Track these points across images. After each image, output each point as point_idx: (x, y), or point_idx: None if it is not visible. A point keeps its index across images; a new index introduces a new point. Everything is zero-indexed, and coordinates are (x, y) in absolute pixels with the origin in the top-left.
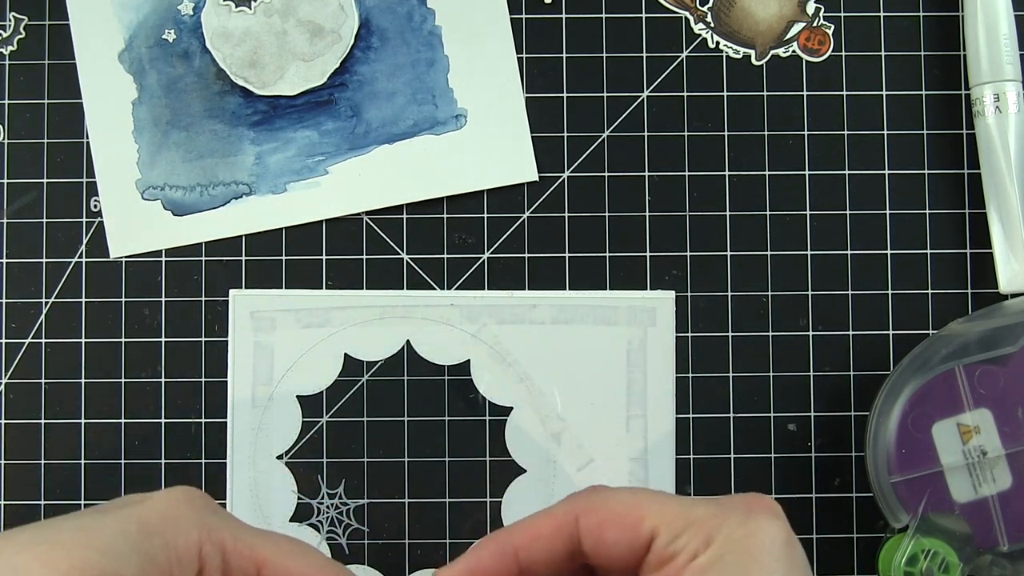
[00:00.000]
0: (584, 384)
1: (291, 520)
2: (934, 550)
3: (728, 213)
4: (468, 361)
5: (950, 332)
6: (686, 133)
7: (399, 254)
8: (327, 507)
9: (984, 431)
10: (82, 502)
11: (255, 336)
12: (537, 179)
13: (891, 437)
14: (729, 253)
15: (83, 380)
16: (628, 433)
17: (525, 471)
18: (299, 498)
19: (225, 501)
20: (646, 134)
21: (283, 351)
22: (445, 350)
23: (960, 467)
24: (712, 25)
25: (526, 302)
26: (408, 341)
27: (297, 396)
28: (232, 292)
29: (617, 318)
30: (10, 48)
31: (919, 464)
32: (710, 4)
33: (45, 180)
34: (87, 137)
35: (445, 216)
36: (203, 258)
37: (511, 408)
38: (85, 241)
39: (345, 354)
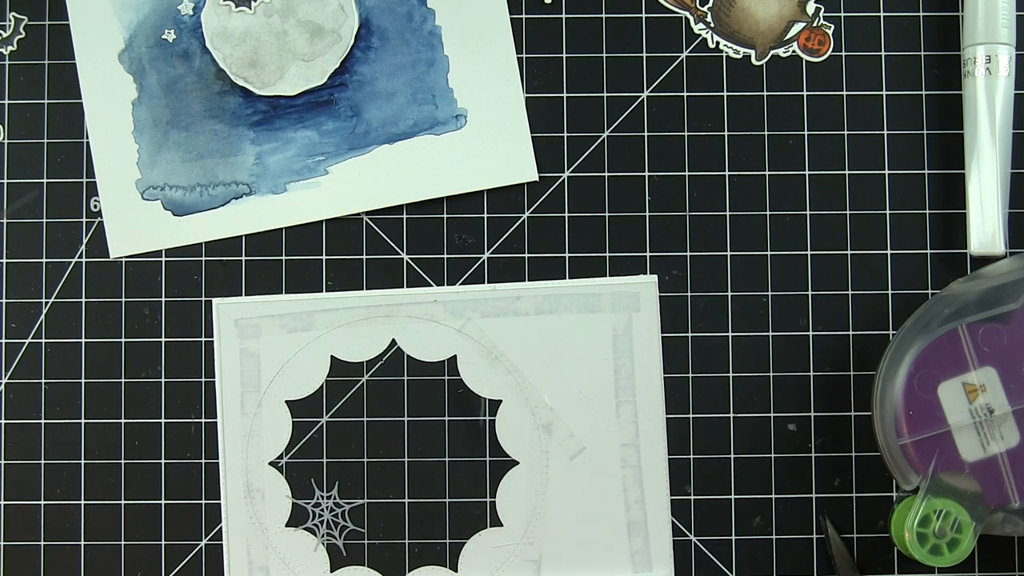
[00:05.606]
0: (572, 373)
1: (287, 525)
2: (946, 510)
3: (728, 213)
4: (455, 356)
5: (951, 292)
6: (686, 133)
7: (399, 254)
8: (322, 510)
9: (990, 389)
10: (82, 502)
11: (240, 343)
12: (537, 179)
13: (898, 399)
14: (729, 253)
15: (83, 380)
16: (618, 419)
17: (517, 463)
18: (294, 503)
19: (220, 506)
20: (646, 134)
21: (269, 357)
22: (431, 347)
23: (968, 426)
24: (712, 25)
25: (509, 294)
26: (393, 340)
27: (286, 401)
28: (215, 301)
29: (601, 305)
30: (10, 48)
31: (927, 425)
32: (710, 4)
33: (45, 180)
34: (87, 137)
35: (445, 216)
36: (203, 258)
37: (500, 401)
38: (85, 241)
39: (331, 356)
